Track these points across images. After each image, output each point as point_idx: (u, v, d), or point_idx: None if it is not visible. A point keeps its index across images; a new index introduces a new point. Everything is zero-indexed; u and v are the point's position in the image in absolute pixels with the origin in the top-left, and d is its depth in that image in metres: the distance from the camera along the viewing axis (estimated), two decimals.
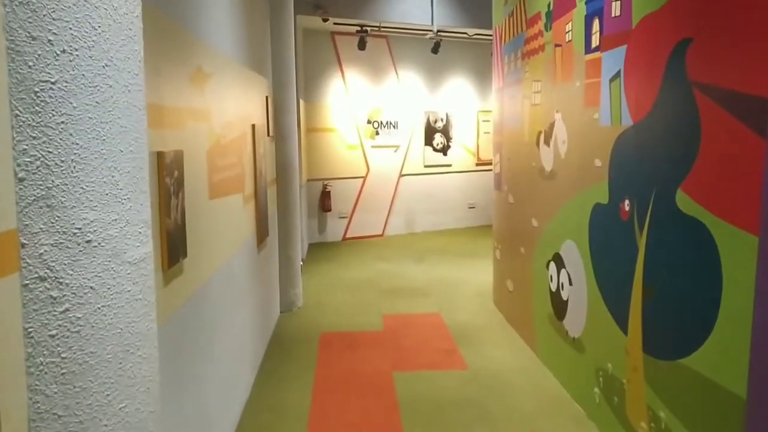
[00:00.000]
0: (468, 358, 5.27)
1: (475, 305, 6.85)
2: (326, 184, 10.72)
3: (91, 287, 1.52)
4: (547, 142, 4.89)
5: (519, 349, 5.48)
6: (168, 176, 2.58)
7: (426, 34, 10.88)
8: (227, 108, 3.98)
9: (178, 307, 2.76)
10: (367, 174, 11.13)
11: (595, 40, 3.96)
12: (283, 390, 4.67)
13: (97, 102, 1.49)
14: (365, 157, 11.08)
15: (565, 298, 4.51)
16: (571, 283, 4.40)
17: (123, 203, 1.63)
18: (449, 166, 11.97)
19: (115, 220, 1.61)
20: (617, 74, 3.63)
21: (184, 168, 2.83)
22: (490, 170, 12.35)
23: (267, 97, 5.93)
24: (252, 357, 4.79)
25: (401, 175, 11.49)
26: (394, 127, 11.31)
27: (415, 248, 10.24)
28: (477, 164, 12.28)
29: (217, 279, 3.59)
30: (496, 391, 4.63)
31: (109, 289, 1.57)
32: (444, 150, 11.85)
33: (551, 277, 4.81)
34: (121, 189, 1.61)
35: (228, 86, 4.06)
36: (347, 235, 11.07)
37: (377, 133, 11.15)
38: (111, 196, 1.58)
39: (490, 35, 9.25)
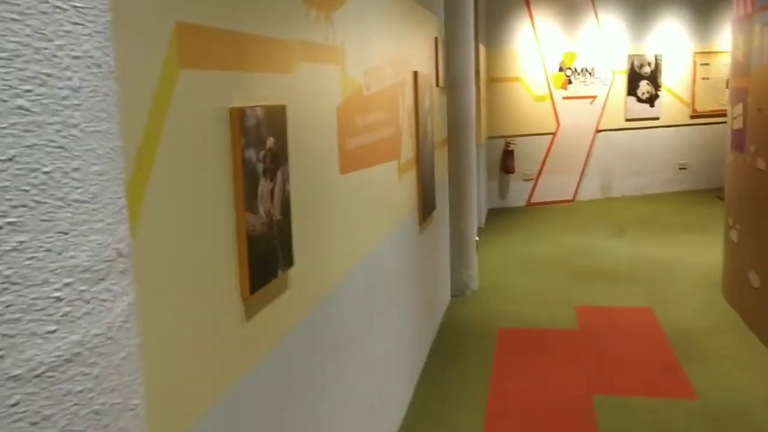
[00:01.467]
0: (697, 380, 3.91)
1: (700, 299, 5.36)
2: (509, 142, 9.47)
3: None
4: None
5: None
6: (252, 147, 1.63)
7: None
8: (373, 48, 2.97)
9: (277, 341, 1.84)
10: (556, 130, 9.70)
11: None
12: (448, 411, 3.69)
13: None
14: (555, 111, 9.64)
15: None
16: None
17: None
18: (656, 119, 10.11)
19: None
20: None
21: (287, 133, 1.87)
22: (708, 124, 10.32)
23: (436, 39, 4.85)
24: (409, 365, 3.85)
25: (597, 131, 9.89)
26: (590, 74, 9.69)
27: (613, 217, 8.72)
28: (692, 117, 10.28)
29: (352, 281, 2.64)
30: None
31: None
32: (651, 100, 10.01)
33: None
34: None
35: (376, 18, 3.04)
36: (532, 200, 9.77)
37: (570, 82, 9.63)
38: None
39: None
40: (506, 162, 9.43)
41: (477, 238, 5.90)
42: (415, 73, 3.92)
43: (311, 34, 2.14)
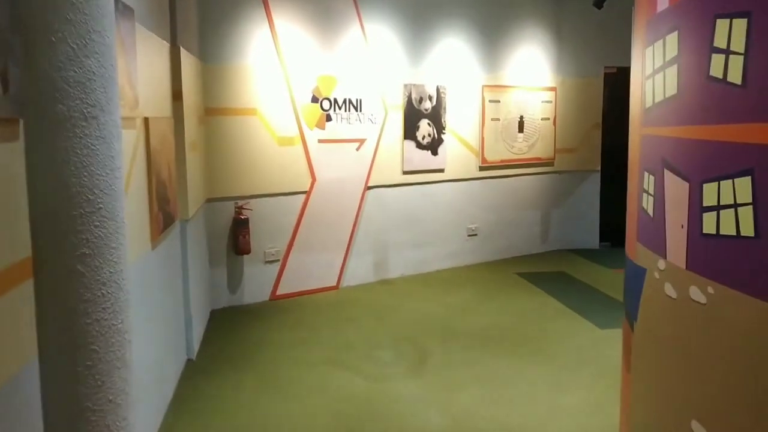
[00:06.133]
0: None
1: None
2: (241, 207, 6.20)
3: None
4: None
5: None
6: None
7: None
8: None
9: None
10: (311, 187, 6.66)
11: None
12: None
13: None
14: (309, 159, 6.60)
15: None
16: None
17: None
18: (441, 171, 7.61)
19: None
20: None
21: None
22: (497, 177, 8.12)
23: None
24: None
25: (367, 188, 7.07)
26: (355, 108, 6.86)
27: (397, 321, 5.85)
28: (481, 168, 7.98)
29: None
30: None
31: None
32: (433, 146, 7.48)
33: None
34: None
35: None
36: (279, 292, 6.57)
37: (328, 119, 6.69)
38: None
39: None
40: (238, 237, 6.12)
41: None
42: None
43: None
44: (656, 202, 2.66)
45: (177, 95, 4.67)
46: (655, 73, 2.69)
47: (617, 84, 8.59)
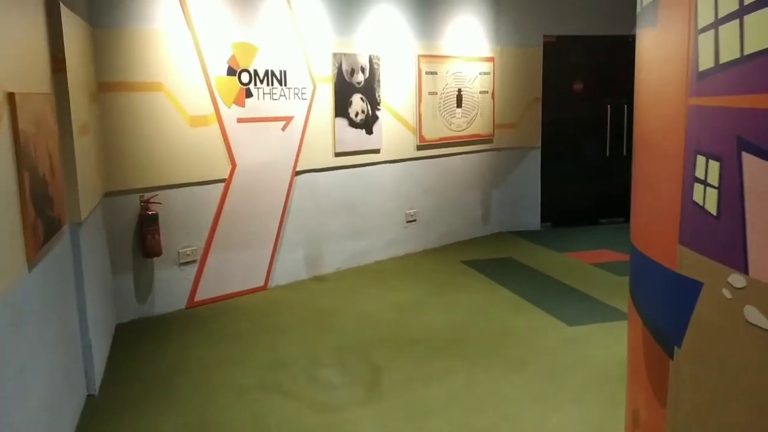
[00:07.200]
0: None
1: None
2: (148, 200, 5.21)
3: None
4: None
5: None
6: None
7: None
8: None
9: None
10: (231, 174, 5.73)
11: None
12: None
13: None
14: (227, 142, 5.66)
15: None
16: None
17: None
18: (376, 152, 6.83)
19: None
20: None
21: None
22: (436, 157, 7.44)
23: None
24: None
25: (296, 173, 6.21)
26: (279, 81, 5.96)
27: (339, 328, 5.07)
28: (419, 148, 7.26)
29: None
30: None
31: None
32: (367, 124, 6.69)
33: None
34: None
35: None
36: (197, 297, 5.64)
37: (248, 94, 5.76)
38: None
39: None
40: (146, 236, 5.15)
41: None
42: None
43: None
44: (725, 196, 1.98)
45: (58, 66, 3.66)
46: (719, 23, 2.00)
47: (556, 54, 8.06)
